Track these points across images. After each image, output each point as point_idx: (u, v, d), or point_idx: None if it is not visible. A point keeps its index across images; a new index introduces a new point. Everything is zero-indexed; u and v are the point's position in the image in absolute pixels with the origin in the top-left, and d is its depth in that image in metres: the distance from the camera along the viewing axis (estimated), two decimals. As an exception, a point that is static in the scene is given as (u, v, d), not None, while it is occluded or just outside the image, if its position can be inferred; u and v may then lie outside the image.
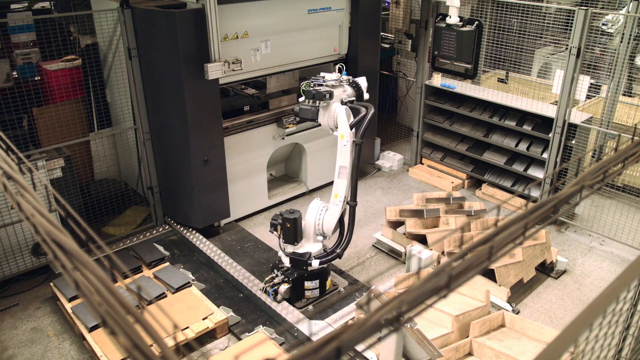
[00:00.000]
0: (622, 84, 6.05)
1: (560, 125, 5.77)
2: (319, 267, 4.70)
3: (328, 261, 4.76)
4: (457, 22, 6.22)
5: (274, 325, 4.60)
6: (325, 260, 4.73)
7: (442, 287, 1.07)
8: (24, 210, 1.34)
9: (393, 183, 7.23)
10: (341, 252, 4.82)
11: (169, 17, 4.95)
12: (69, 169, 5.25)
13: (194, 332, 4.33)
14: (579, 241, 5.87)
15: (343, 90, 4.56)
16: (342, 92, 4.55)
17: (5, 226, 4.91)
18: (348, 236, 4.80)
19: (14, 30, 5.46)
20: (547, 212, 1.31)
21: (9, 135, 4.82)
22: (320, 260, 4.70)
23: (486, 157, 6.74)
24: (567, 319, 4.72)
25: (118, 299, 1.01)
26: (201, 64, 5.06)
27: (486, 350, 4.01)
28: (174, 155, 5.60)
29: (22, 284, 5.19)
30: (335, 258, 4.80)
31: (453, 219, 5.57)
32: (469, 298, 4.42)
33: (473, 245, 1.17)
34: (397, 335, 3.03)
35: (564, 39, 6.61)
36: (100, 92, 6.00)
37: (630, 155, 1.63)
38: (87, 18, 5.95)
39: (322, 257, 4.73)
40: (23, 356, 4.35)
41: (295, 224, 4.58)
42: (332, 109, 4.47)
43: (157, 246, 5.55)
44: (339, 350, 0.90)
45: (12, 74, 5.49)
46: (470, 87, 6.83)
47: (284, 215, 4.60)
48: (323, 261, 4.71)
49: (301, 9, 5.86)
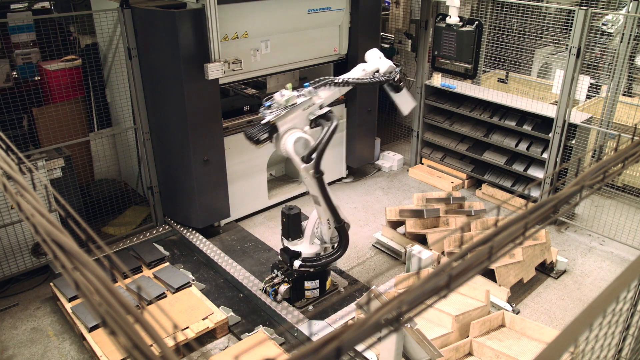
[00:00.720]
0: (622, 84, 6.05)
1: (560, 125, 5.77)
2: (297, 269, 4.63)
3: (307, 267, 4.64)
4: (457, 22, 6.22)
5: (274, 325, 4.60)
6: (305, 266, 4.64)
7: (442, 287, 1.07)
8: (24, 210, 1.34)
9: (393, 183, 7.23)
10: (325, 264, 4.67)
11: (169, 17, 4.95)
12: (69, 169, 5.24)
13: (194, 332, 4.33)
14: (579, 241, 5.87)
15: (305, 108, 4.04)
16: (298, 115, 4.03)
17: (5, 226, 4.91)
18: (338, 253, 4.69)
19: (14, 30, 5.46)
20: (547, 212, 1.31)
21: (9, 135, 4.82)
22: (302, 264, 4.64)
23: (486, 157, 6.74)
24: (567, 319, 4.72)
25: (118, 299, 1.01)
26: (201, 64, 5.06)
27: (486, 350, 4.01)
28: (174, 155, 5.60)
29: (22, 284, 5.19)
30: (316, 267, 4.66)
31: (453, 219, 5.57)
32: (469, 298, 4.42)
33: (473, 245, 1.17)
34: (397, 335, 3.03)
35: (564, 39, 6.61)
36: (100, 92, 5.99)
37: (630, 155, 1.63)
38: (87, 18, 5.95)
39: (305, 261, 4.65)
40: (23, 356, 4.35)
41: (289, 220, 4.61)
42: (283, 141, 4.04)
43: (157, 246, 5.55)
44: (339, 350, 0.90)
45: (12, 74, 5.49)
46: (470, 87, 6.83)
47: (284, 209, 4.68)
48: (303, 265, 4.64)
49: (301, 9, 5.86)
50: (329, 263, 4.71)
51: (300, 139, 4.02)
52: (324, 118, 4.10)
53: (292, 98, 3.96)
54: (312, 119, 4.10)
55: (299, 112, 4.04)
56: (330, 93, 4.19)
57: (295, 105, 3.99)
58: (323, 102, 4.15)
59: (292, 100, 3.96)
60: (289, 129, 4.04)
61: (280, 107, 3.96)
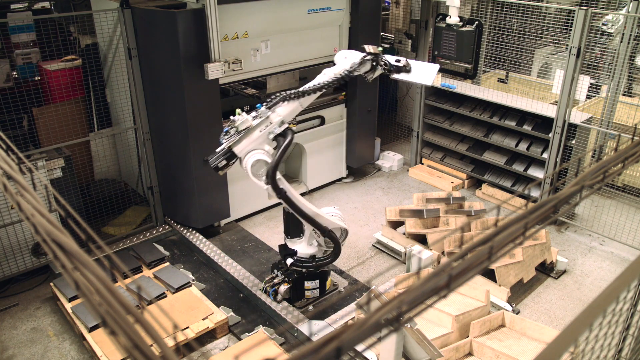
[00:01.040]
0: (622, 84, 6.05)
1: (560, 125, 5.77)
2: (289, 266, 4.65)
3: (298, 267, 4.65)
4: (457, 22, 6.22)
5: (274, 325, 4.60)
6: (298, 265, 4.65)
7: (442, 287, 1.07)
8: (24, 210, 1.34)
9: (393, 183, 7.23)
10: (315, 266, 4.66)
11: (169, 17, 4.95)
12: (69, 169, 5.24)
13: (194, 332, 4.33)
14: (579, 241, 5.87)
15: (262, 129, 3.99)
16: (257, 136, 3.98)
17: (5, 226, 4.90)
18: (329, 260, 4.68)
19: (14, 30, 5.46)
20: (547, 212, 1.31)
21: (9, 135, 4.82)
22: (293, 262, 4.64)
23: (486, 157, 6.74)
24: (567, 319, 4.72)
25: (118, 299, 1.01)
26: (201, 64, 5.06)
27: (486, 350, 4.01)
28: (174, 155, 5.60)
29: (22, 284, 5.19)
30: (308, 269, 4.65)
31: (453, 219, 5.57)
32: (469, 298, 4.42)
33: (473, 245, 1.17)
34: (397, 335, 3.03)
35: (564, 39, 6.61)
36: (100, 92, 6.00)
37: (630, 155, 1.63)
38: (87, 18, 5.95)
39: (298, 261, 4.65)
40: (23, 356, 4.35)
41: (289, 218, 4.62)
42: (244, 164, 4.04)
43: (157, 246, 5.55)
44: (339, 350, 0.90)
45: (12, 74, 5.49)
46: (470, 87, 6.83)
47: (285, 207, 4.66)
48: (294, 264, 4.64)
49: (301, 9, 5.86)
50: (319, 267, 4.70)
51: (258, 161, 4.01)
52: (282, 135, 4.07)
53: (245, 122, 3.94)
54: (272, 138, 4.06)
55: (256, 134, 4.01)
56: (290, 108, 4.12)
57: (250, 129, 3.98)
58: (283, 118, 4.08)
59: (246, 123, 3.95)
60: (250, 151, 4.02)
61: (235, 133, 3.98)
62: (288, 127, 4.11)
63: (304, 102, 4.19)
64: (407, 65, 4.49)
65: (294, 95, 4.09)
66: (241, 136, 3.97)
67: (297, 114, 4.24)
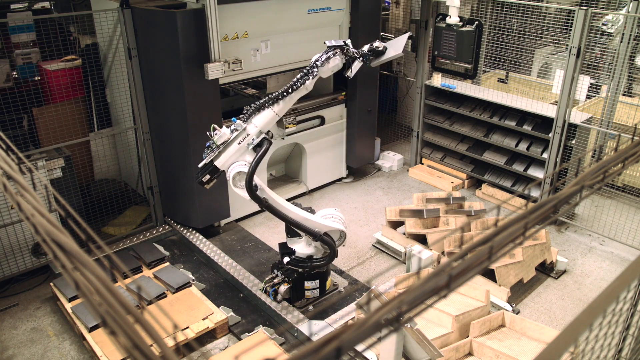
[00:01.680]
0: (622, 84, 6.05)
1: (560, 125, 5.77)
2: (285, 265, 4.66)
3: (293, 266, 4.65)
4: (457, 22, 6.22)
5: (274, 325, 4.60)
6: (292, 264, 4.65)
7: (442, 287, 1.07)
8: (24, 210, 1.34)
9: (393, 183, 7.23)
10: (310, 267, 4.66)
11: (169, 17, 4.95)
12: (69, 169, 5.25)
13: (194, 332, 4.33)
14: (579, 241, 5.87)
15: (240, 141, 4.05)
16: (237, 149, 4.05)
17: (5, 226, 4.91)
18: (323, 262, 4.68)
19: (14, 30, 5.46)
20: (547, 212, 1.31)
21: (9, 135, 4.82)
22: (289, 261, 4.65)
23: (486, 157, 6.74)
24: (567, 319, 4.72)
25: (118, 299, 1.01)
26: (201, 64, 5.06)
27: (486, 350, 4.01)
28: (174, 155, 5.60)
29: (22, 284, 5.19)
30: (304, 269, 4.66)
31: (453, 219, 5.57)
32: (469, 298, 4.42)
33: (473, 245, 1.17)
34: (397, 335, 3.03)
35: (564, 39, 6.61)
36: (100, 92, 6.00)
37: (630, 155, 1.63)
38: (87, 18, 5.95)
39: (294, 261, 4.65)
40: (23, 356, 4.35)
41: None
42: (228, 177, 4.09)
43: (157, 246, 5.55)
44: (339, 350, 0.90)
45: (12, 74, 5.49)
46: (470, 87, 6.84)
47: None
48: (290, 263, 4.64)
49: (301, 9, 5.86)
50: (314, 269, 4.69)
51: (239, 173, 4.06)
52: (259, 145, 4.12)
53: (222, 136, 4.02)
54: (250, 148, 4.12)
55: (234, 147, 4.08)
56: (267, 117, 4.15)
57: (228, 142, 4.05)
58: (260, 128, 4.13)
59: (223, 137, 4.03)
60: (232, 164, 4.09)
61: (215, 147, 4.06)
62: (264, 137, 4.16)
63: (280, 110, 4.20)
64: (381, 46, 4.50)
65: (265, 103, 4.14)
66: (220, 150, 4.05)
67: (276, 121, 4.26)
